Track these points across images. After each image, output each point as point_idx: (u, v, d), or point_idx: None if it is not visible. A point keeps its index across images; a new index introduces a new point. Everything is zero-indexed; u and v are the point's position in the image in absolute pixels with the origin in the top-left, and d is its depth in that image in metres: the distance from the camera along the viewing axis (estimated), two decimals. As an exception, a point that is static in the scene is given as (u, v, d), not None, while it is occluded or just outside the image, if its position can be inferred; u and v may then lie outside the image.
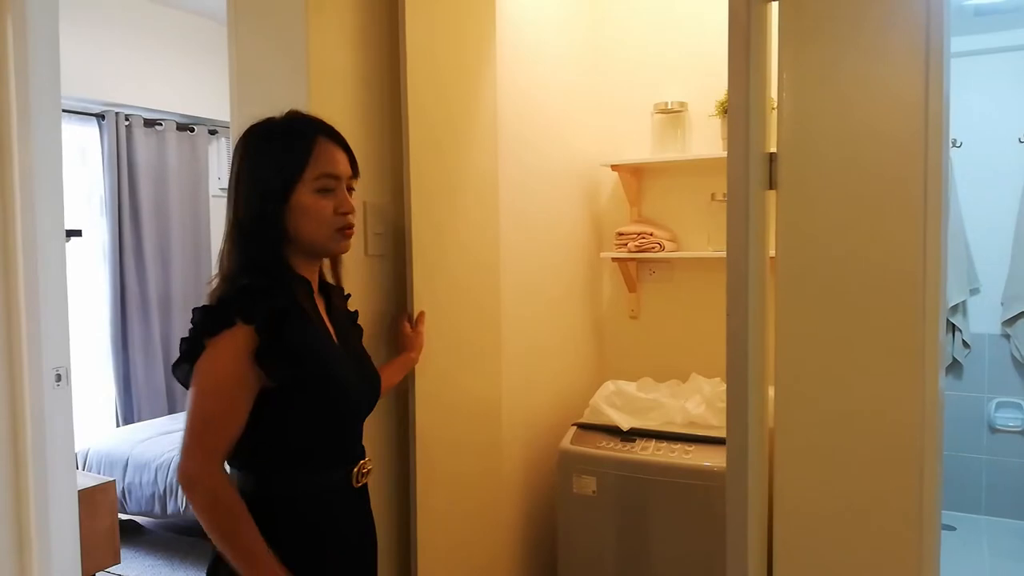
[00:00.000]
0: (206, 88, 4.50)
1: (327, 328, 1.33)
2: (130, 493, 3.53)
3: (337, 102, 1.72)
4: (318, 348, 1.26)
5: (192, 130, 4.69)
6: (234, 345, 1.16)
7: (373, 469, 1.41)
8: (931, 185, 1.65)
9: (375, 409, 1.44)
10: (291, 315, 1.22)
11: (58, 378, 2.22)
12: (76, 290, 4.24)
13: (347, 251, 1.35)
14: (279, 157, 1.25)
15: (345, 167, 1.29)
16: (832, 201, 1.74)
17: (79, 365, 4.25)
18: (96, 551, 2.65)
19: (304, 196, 1.24)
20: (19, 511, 2.20)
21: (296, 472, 1.26)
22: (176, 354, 1.22)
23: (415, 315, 1.78)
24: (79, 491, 2.51)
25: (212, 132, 4.81)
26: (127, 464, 3.58)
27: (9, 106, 2.13)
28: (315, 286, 1.34)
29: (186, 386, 1.20)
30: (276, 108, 1.33)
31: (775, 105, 1.76)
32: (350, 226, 1.29)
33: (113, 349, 4.30)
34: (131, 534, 3.76)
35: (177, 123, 4.58)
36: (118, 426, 4.27)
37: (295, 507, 1.26)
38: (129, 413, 4.35)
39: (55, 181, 2.21)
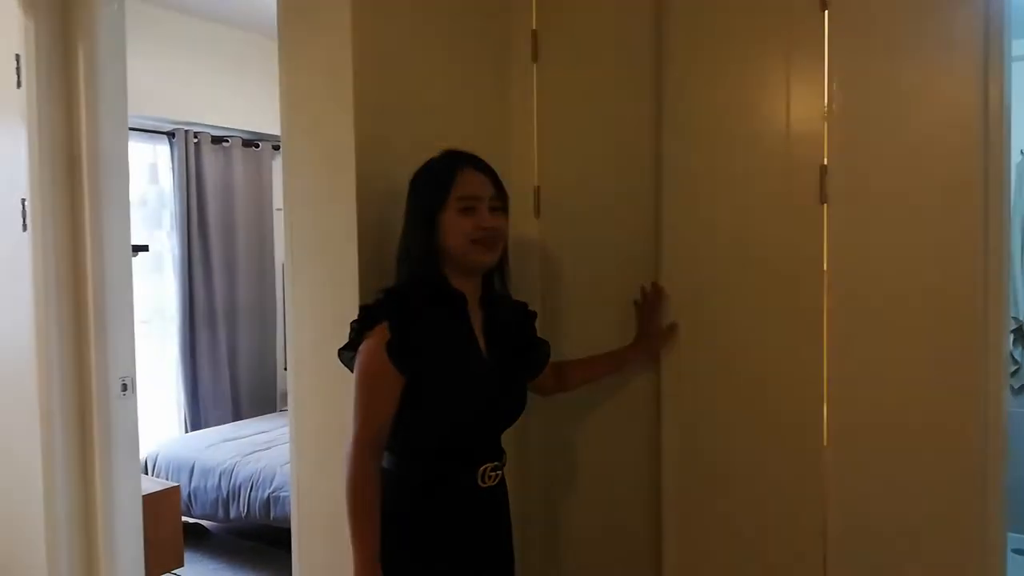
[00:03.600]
0: (269, 105, 4.63)
1: (473, 339, 1.46)
2: (196, 497, 3.66)
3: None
4: (444, 352, 1.40)
5: (257, 146, 4.85)
6: (376, 342, 1.35)
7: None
8: (992, 196, 1.58)
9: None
10: (423, 317, 1.38)
11: (124, 387, 2.32)
12: (148, 301, 4.43)
13: (490, 263, 1.47)
14: (431, 186, 1.45)
15: (484, 188, 1.44)
16: (887, 214, 1.68)
17: (150, 373, 4.44)
18: (160, 554, 2.75)
19: (448, 216, 1.41)
20: (87, 513, 2.31)
21: (424, 462, 1.42)
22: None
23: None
24: (145, 496, 2.62)
25: (276, 148, 4.96)
26: (193, 469, 3.71)
27: (80, 130, 2.25)
28: (473, 299, 1.48)
29: (350, 369, 1.41)
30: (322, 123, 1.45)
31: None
32: (489, 239, 1.42)
33: (182, 358, 4.47)
34: (197, 537, 3.89)
35: (243, 140, 4.74)
36: (186, 432, 4.43)
37: (420, 492, 1.42)
38: (196, 420, 4.52)
39: (122, 200, 2.32)
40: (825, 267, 1.73)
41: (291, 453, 1.92)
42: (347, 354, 1.43)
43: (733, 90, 1.85)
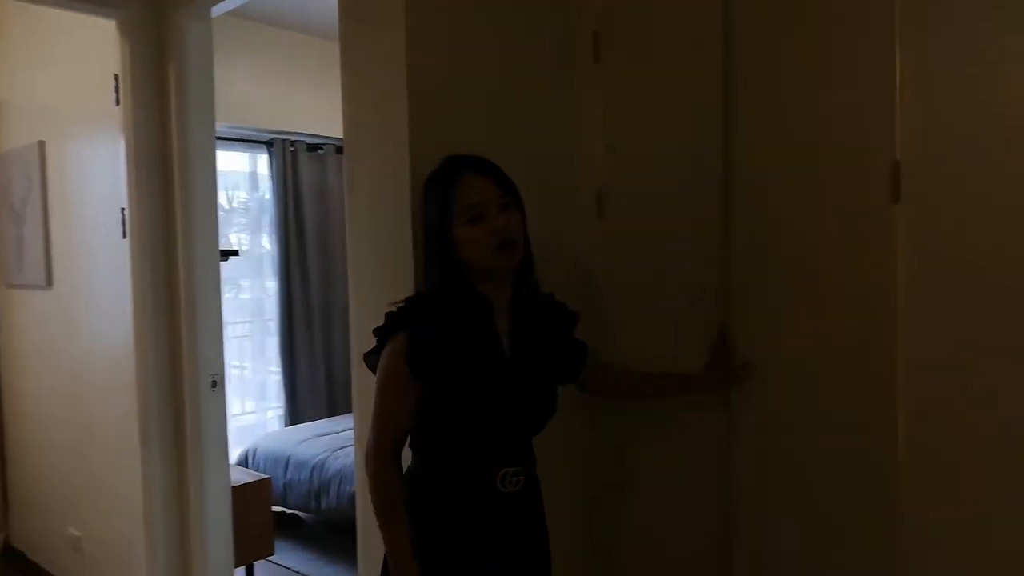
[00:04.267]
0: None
1: (496, 343, 1.44)
2: (290, 489, 3.84)
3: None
4: (461, 358, 1.40)
5: (350, 152, 5.02)
6: (395, 349, 1.39)
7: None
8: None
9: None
10: (443, 324, 1.40)
11: (213, 384, 2.47)
12: (249, 302, 4.69)
13: (512, 266, 1.43)
14: (436, 199, 1.44)
15: (486, 191, 1.40)
16: (968, 213, 1.56)
17: (252, 370, 4.69)
18: (251, 541, 2.91)
19: (459, 228, 1.40)
20: (180, 498, 2.47)
21: (444, 463, 1.44)
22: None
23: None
24: (237, 486, 2.78)
25: (368, 152, 5.13)
26: (288, 462, 3.90)
27: (172, 143, 2.41)
28: (501, 303, 1.46)
29: (375, 373, 1.45)
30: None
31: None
32: (504, 244, 1.39)
33: (281, 355, 4.70)
34: (291, 527, 4.08)
35: (336, 147, 4.93)
36: (285, 426, 4.66)
37: (441, 494, 1.44)
38: (294, 415, 4.74)
39: (209, 208, 2.47)
40: (898, 271, 1.63)
41: (355, 445, 1.98)
42: (371, 359, 1.46)
43: (805, 83, 1.77)
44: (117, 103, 2.44)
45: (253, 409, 4.73)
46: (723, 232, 1.88)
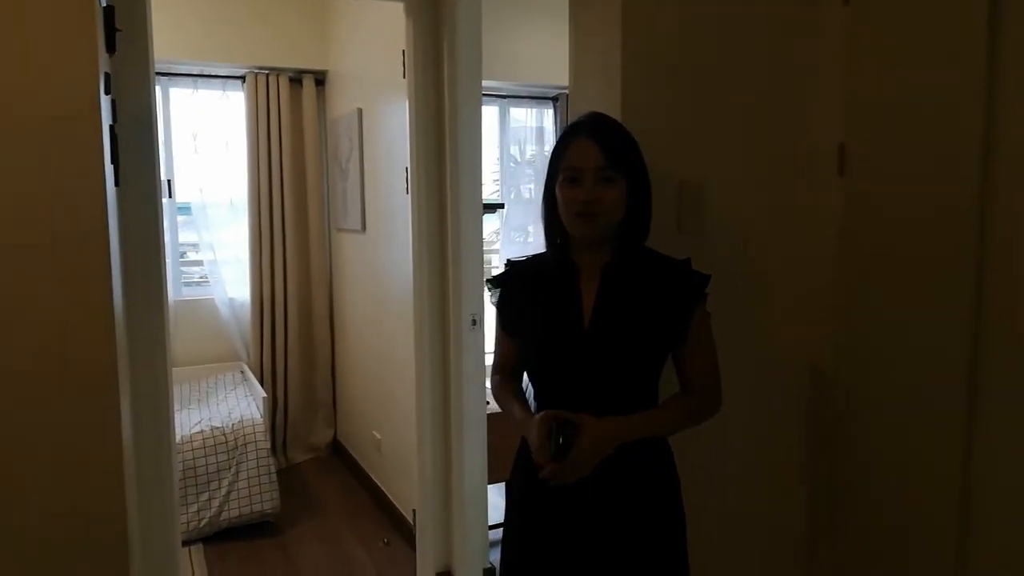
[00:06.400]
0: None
1: (575, 307, 1.47)
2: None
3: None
4: (538, 318, 1.52)
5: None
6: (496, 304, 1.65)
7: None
8: None
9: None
10: (528, 285, 1.56)
11: (473, 322, 2.80)
12: (535, 247, 5.06)
13: (586, 235, 1.46)
14: (552, 157, 1.51)
15: (590, 159, 1.41)
16: None
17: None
18: (507, 463, 3.25)
19: (559, 187, 1.47)
20: (445, 422, 2.87)
21: (537, 407, 1.53)
22: None
23: None
24: (495, 414, 3.13)
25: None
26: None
27: (444, 109, 2.72)
28: (591, 269, 1.49)
29: None
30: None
31: None
32: (585, 213, 1.42)
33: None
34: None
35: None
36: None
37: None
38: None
39: (474, 167, 2.75)
40: None
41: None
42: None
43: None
44: (404, 76, 2.81)
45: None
46: (983, 204, 1.66)
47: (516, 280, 1.60)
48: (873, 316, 1.95)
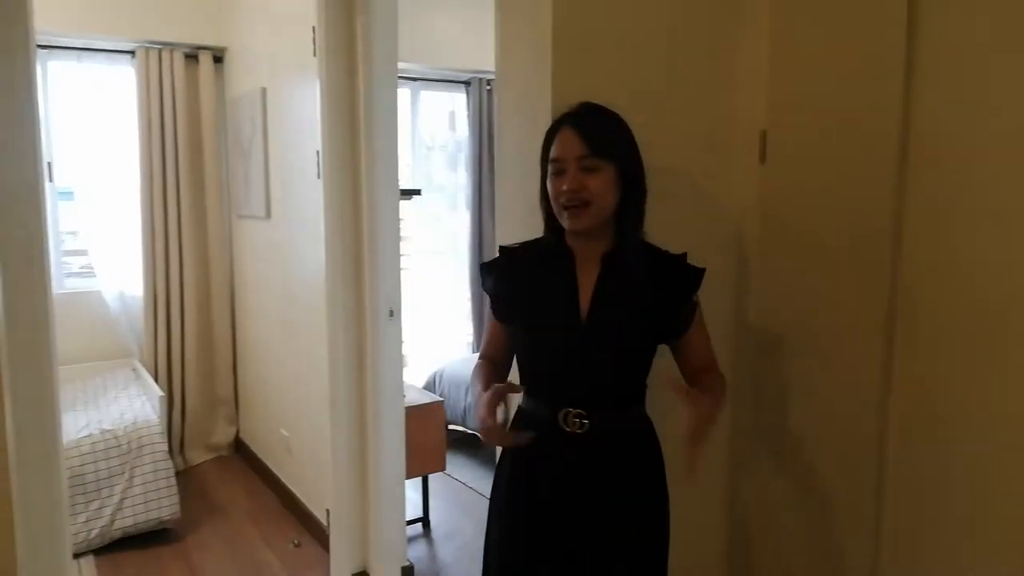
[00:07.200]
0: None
1: (572, 294, 1.47)
2: (470, 412, 4.12)
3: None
4: (534, 305, 1.51)
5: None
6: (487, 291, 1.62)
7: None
8: None
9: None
10: (524, 273, 1.53)
11: (390, 314, 2.70)
12: (445, 235, 4.98)
13: (578, 227, 1.43)
14: (543, 146, 1.49)
15: (572, 149, 1.40)
16: None
17: (445, 299, 5.01)
18: (424, 458, 3.18)
19: (548, 181, 1.47)
20: (361, 417, 2.76)
21: (526, 395, 1.55)
22: None
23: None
24: (413, 407, 3.05)
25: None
26: (469, 386, 4.17)
27: (358, 90, 2.60)
28: (590, 256, 1.48)
29: None
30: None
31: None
32: (570, 205, 1.40)
33: (471, 285, 4.98)
34: (470, 446, 4.40)
35: (530, 84, 5.00)
36: (473, 352, 4.96)
37: (522, 422, 1.56)
38: (481, 341, 5.02)
39: (390, 151, 2.64)
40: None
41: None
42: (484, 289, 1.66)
43: (1001, 23, 1.53)
44: (314, 54, 2.67)
45: (444, 335, 5.06)
46: (900, 187, 1.71)
47: (511, 267, 1.57)
48: (791, 302, 1.99)
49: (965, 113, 1.59)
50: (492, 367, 1.61)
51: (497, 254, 1.62)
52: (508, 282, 1.56)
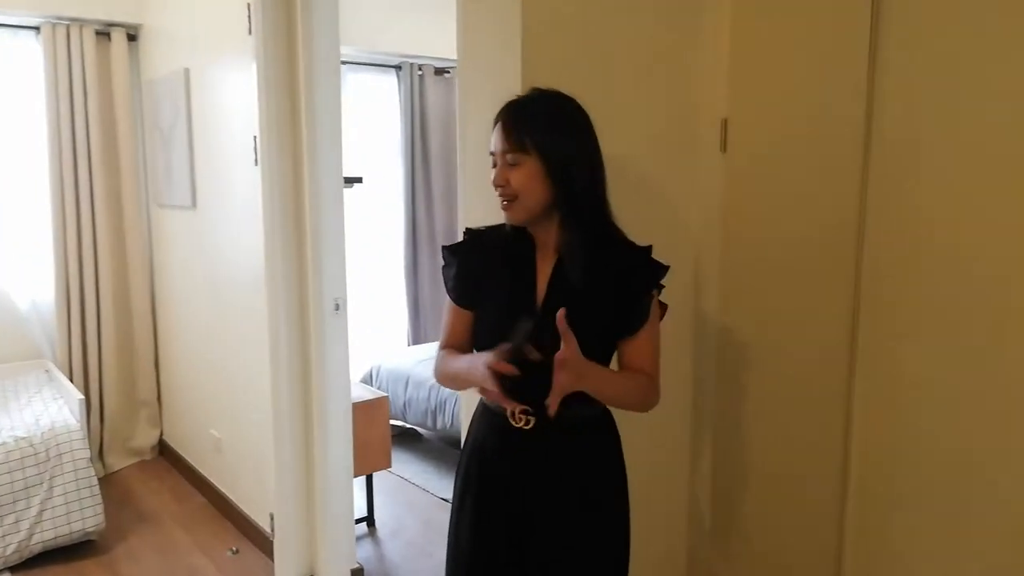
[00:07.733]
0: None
1: (529, 283, 1.42)
2: (410, 406, 4.03)
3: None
4: (491, 291, 1.46)
5: (476, 76, 4.98)
6: (448, 276, 1.54)
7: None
8: None
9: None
10: (484, 258, 1.48)
11: (336, 307, 2.58)
12: (377, 226, 4.83)
13: (512, 221, 1.42)
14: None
15: (498, 142, 1.39)
16: None
17: (379, 292, 4.87)
18: (371, 454, 3.08)
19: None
20: (306, 415, 2.64)
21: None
22: None
23: None
24: (358, 403, 2.94)
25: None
26: (408, 381, 4.08)
27: (298, 72, 2.46)
28: (547, 247, 1.43)
29: None
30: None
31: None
32: (502, 197, 1.39)
33: (406, 278, 4.86)
34: (411, 441, 4.31)
35: (462, 70, 4.90)
36: (408, 346, 4.85)
37: (477, 414, 1.55)
38: (417, 335, 4.92)
39: (334, 136, 2.52)
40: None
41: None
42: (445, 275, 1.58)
43: (965, 11, 1.56)
44: (250, 32, 2.51)
45: (380, 328, 4.93)
46: (864, 178, 1.73)
47: (475, 251, 1.51)
48: (754, 291, 2.00)
49: (929, 101, 1.62)
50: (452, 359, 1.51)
51: (460, 238, 1.56)
52: (471, 267, 1.50)
